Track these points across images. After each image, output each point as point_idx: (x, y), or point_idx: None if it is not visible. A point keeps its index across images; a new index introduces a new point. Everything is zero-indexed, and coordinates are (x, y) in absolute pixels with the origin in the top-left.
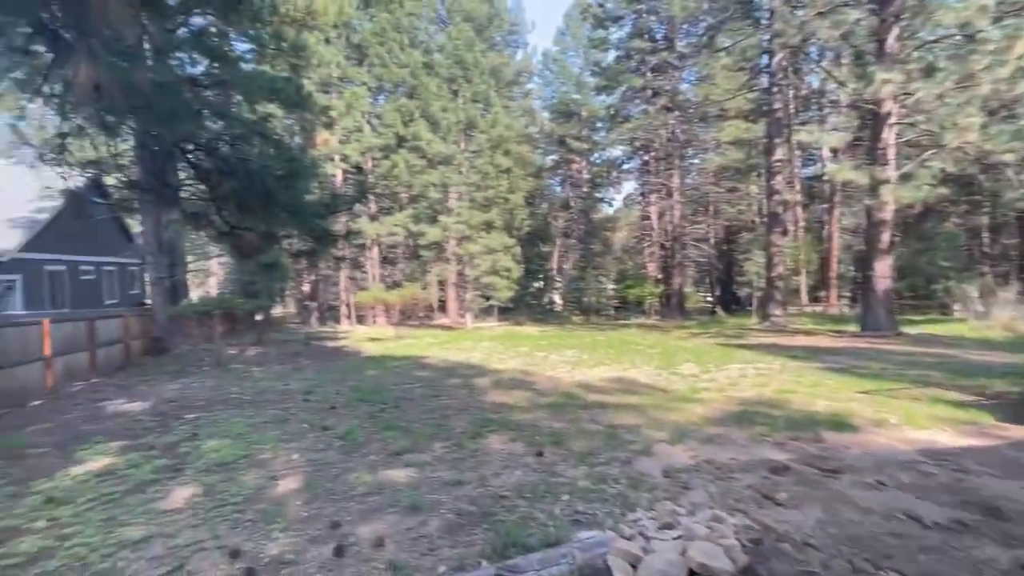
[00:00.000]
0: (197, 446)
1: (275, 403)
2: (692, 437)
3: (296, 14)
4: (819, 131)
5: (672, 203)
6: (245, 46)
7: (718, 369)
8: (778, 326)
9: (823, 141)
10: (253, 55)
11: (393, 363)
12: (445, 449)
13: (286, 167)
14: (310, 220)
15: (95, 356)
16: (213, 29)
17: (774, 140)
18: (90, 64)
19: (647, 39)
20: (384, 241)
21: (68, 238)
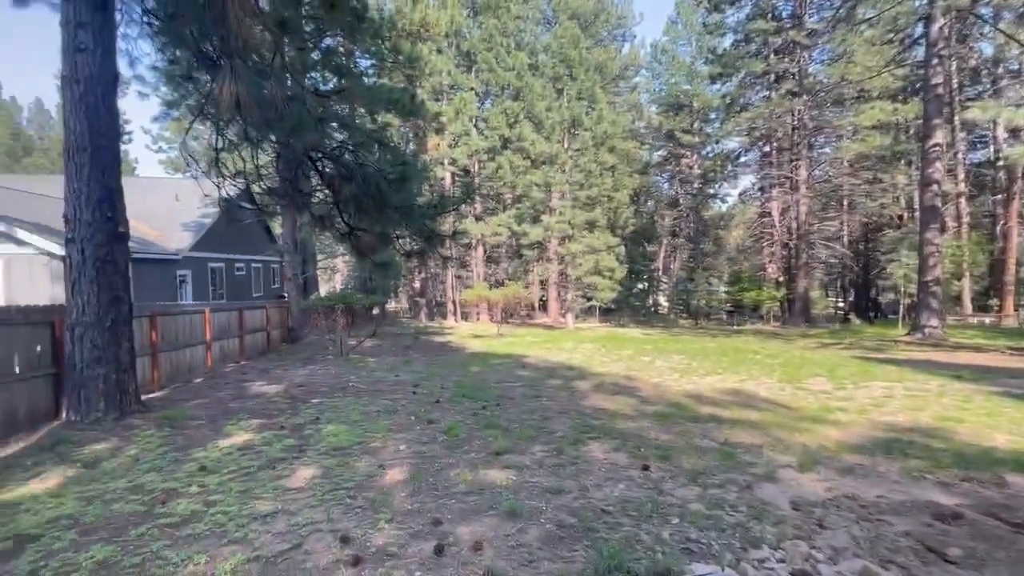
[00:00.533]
0: (319, 429)
1: (387, 393)
2: (826, 464)
3: (412, 28)
4: (997, 105)
5: (798, 197)
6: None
7: (856, 386)
8: (934, 339)
9: (1004, 118)
10: (374, 69)
11: (495, 361)
12: (545, 453)
13: (398, 171)
14: (419, 221)
15: (243, 342)
16: (340, 49)
17: (932, 121)
18: (231, 81)
19: (770, 19)
20: (488, 241)
21: (225, 239)
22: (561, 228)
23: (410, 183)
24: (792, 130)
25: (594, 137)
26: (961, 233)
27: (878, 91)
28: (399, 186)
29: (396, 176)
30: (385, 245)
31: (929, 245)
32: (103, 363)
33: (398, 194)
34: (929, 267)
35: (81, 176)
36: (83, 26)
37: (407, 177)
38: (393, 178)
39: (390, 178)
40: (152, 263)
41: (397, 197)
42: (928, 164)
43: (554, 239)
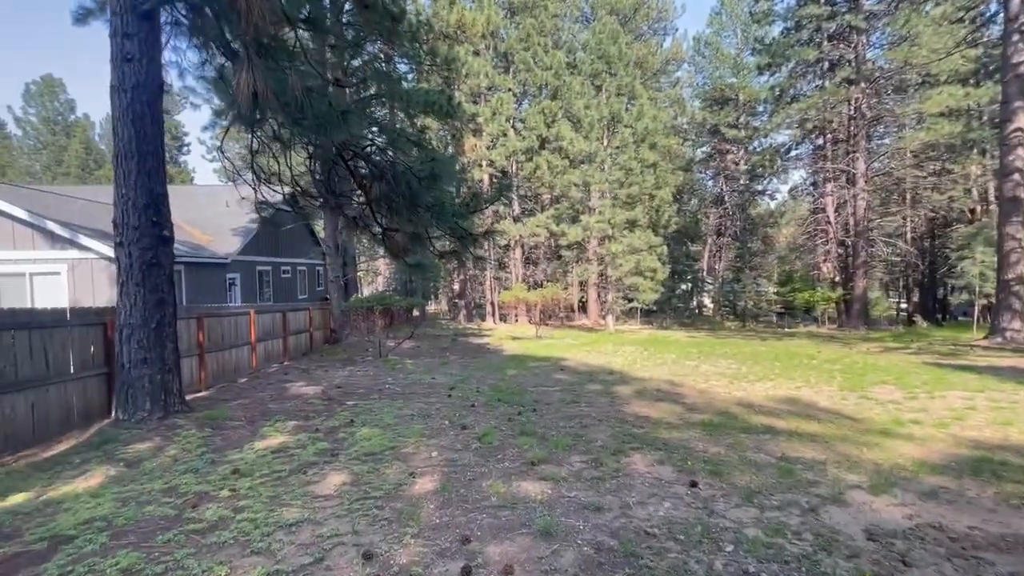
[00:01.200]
0: (352, 433)
1: (422, 396)
2: (904, 487)
3: (448, 30)
4: None
5: (855, 192)
6: (405, 67)
7: (930, 396)
8: (1016, 343)
9: None
10: (413, 75)
11: (533, 363)
12: (583, 464)
13: (428, 168)
14: (451, 220)
15: (287, 343)
16: (381, 55)
17: (1013, 104)
18: (248, 71)
19: (823, 3)
20: (526, 242)
21: (272, 243)
22: (601, 228)
23: (441, 181)
24: (848, 120)
25: (634, 134)
26: None
27: (946, 75)
28: (430, 184)
29: (426, 174)
30: (418, 245)
31: (1010, 240)
32: (149, 363)
33: (429, 192)
34: (1010, 264)
35: (128, 182)
36: (129, 36)
37: (437, 175)
38: (423, 176)
39: (420, 176)
40: (203, 267)
41: (428, 195)
42: (1009, 151)
43: (593, 239)
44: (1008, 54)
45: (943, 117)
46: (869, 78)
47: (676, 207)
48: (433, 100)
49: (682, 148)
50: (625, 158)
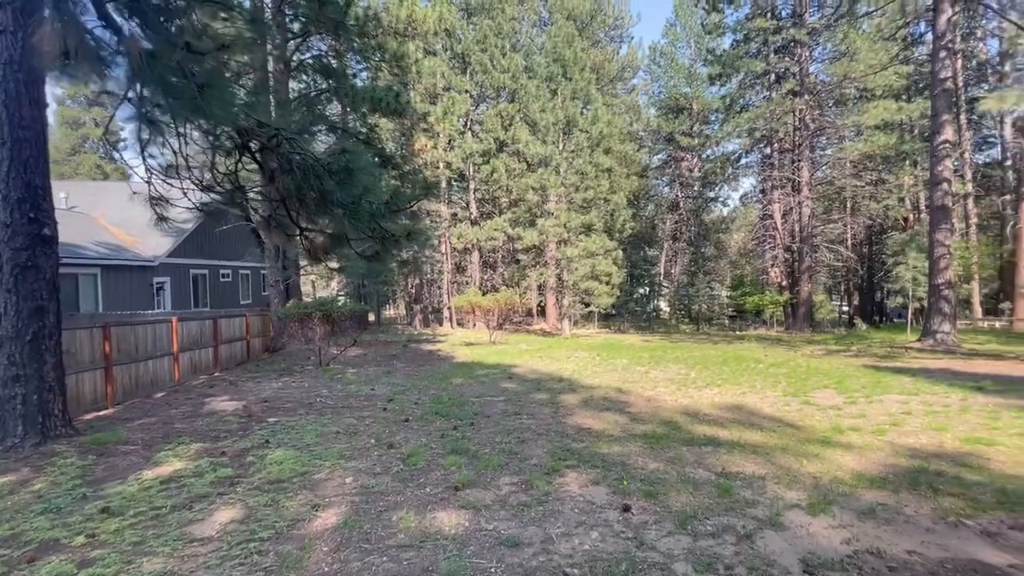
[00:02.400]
0: (264, 456)
1: (355, 410)
2: (843, 504)
3: (399, 26)
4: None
5: (800, 199)
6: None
7: (868, 400)
8: (946, 345)
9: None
10: (368, 73)
11: (481, 371)
12: (512, 487)
13: (340, 161)
14: (368, 220)
15: (218, 352)
16: (332, 52)
17: (941, 117)
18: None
19: (770, 18)
20: (484, 246)
21: (210, 245)
22: (556, 232)
23: (356, 176)
24: (794, 131)
25: (589, 138)
26: (969, 235)
27: (881, 90)
28: (343, 179)
29: (338, 168)
30: (340, 247)
31: (939, 246)
32: (22, 381)
33: (343, 189)
34: (940, 269)
35: None
36: (1, 6)
37: (351, 169)
38: (335, 170)
39: (331, 170)
40: (124, 270)
41: (342, 192)
42: (937, 162)
43: (551, 243)
44: (936, 70)
45: (879, 130)
46: (812, 91)
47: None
48: (380, 97)
49: (638, 154)
50: (580, 162)
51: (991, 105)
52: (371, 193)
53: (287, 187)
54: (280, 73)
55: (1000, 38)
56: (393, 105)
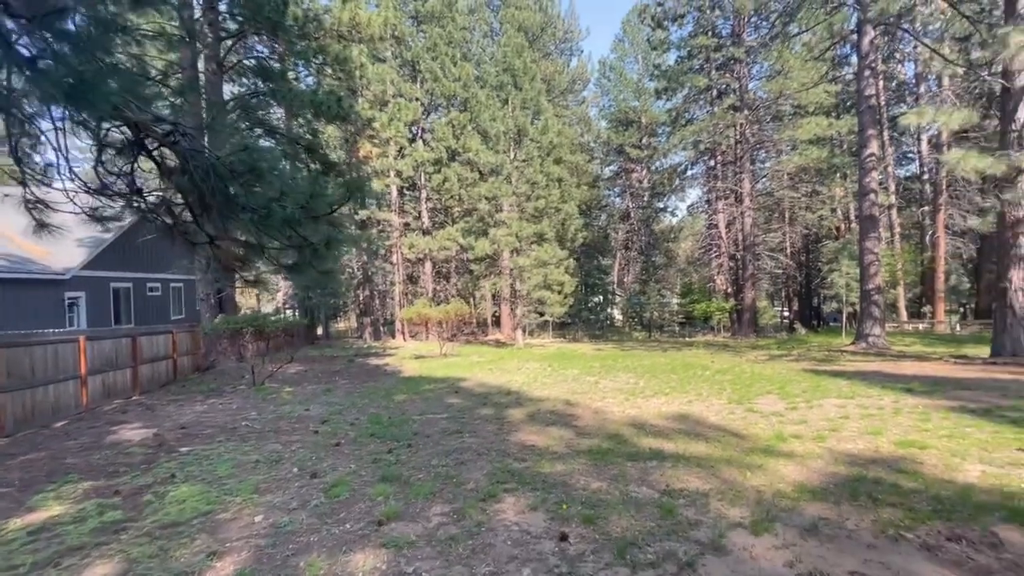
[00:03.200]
0: (165, 494)
1: (283, 434)
2: (786, 520)
3: (341, 28)
4: (933, 111)
5: (742, 210)
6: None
7: (809, 405)
8: (877, 347)
9: (939, 122)
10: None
11: (428, 386)
12: (442, 518)
13: (244, 161)
14: (281, 227)
15: (138, 373)
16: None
17: (867, 132)
18: None
19: (711, 36)
20: (437, 256)
21: (134, 256)
22: (508, 241)
23: (266, 178)
24: (735, 144)
25: (540, 148)
26: (894, 243)
27: (813, 107)
28: (249, 181)
29: (244, 168)
30: (255, 257)
31: (869, 254)
32: None
33: (251, 192)
34: (870, 275)
35: None
36: None
37: (259, 170)
38: (239, 170)
39: (234, 170)
40: (29, 284)
41: (250, 196)
42: (865, 174)
43: (506, 252)
44: (861, 88)
45: (812, 144)
46: (751, 106)
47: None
48: (321, 101)
49: (589, 165)
50: (531, 171)
51: (911, 120)
52: (287, 197)
53: (186, 189)
54: (213, 74)
55: (915, 61)
56: (335, 110)
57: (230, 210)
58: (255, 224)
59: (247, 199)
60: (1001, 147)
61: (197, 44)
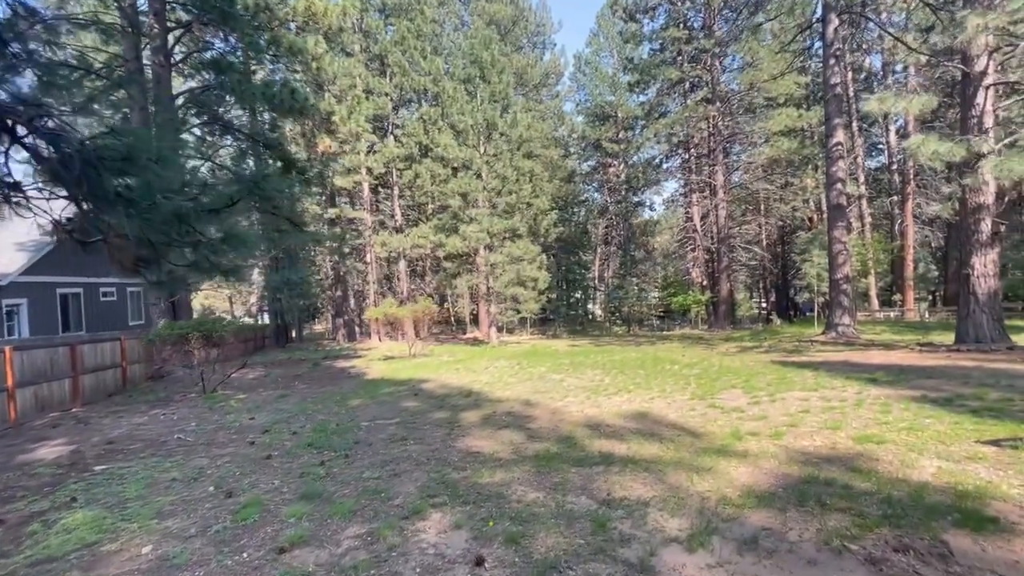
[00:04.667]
0: (55, 522)
1: (217, 446)
2: (726, 533)
3: (296, 18)
4: (894, 97)
5: (717, 202)
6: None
7: (772, 399)
8: (847, 337)
9: (899, 108)
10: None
11: (388, 389)
12: (354, 541)
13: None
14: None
15: (79, 383)
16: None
17: (833, 120)
18: None
19: (682, 28)
20: (410, 254)
21: (84, 260)
22: (479, 238)
23: (147, 167)
24: (708, 136)
25: (509, 142)
26: (864, 233)
27: (784, 98)
28: (124, 169)
29: (119, 154)
30: (153, 255)
31: (837, 243)
32: None
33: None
34: (838, 265)
35: None
36: None
37: (132, 158)
38: (113, 157)
39: (104, 156)
40: None
41: (127, 188)
42: (832, 163)
43: (482, 249)
44: (827, 76)
45: (783, 135)
46: (723, 98)
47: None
48: (273, 93)
49: (565, 160)
50: (501, 166)
51: (873, 107)
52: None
53: (67, 180)
54: (160, 67)
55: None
56: (289, 102)
57: (103, 202)
58: (137, 218)
59: (128, 191)
60: (962, 132)
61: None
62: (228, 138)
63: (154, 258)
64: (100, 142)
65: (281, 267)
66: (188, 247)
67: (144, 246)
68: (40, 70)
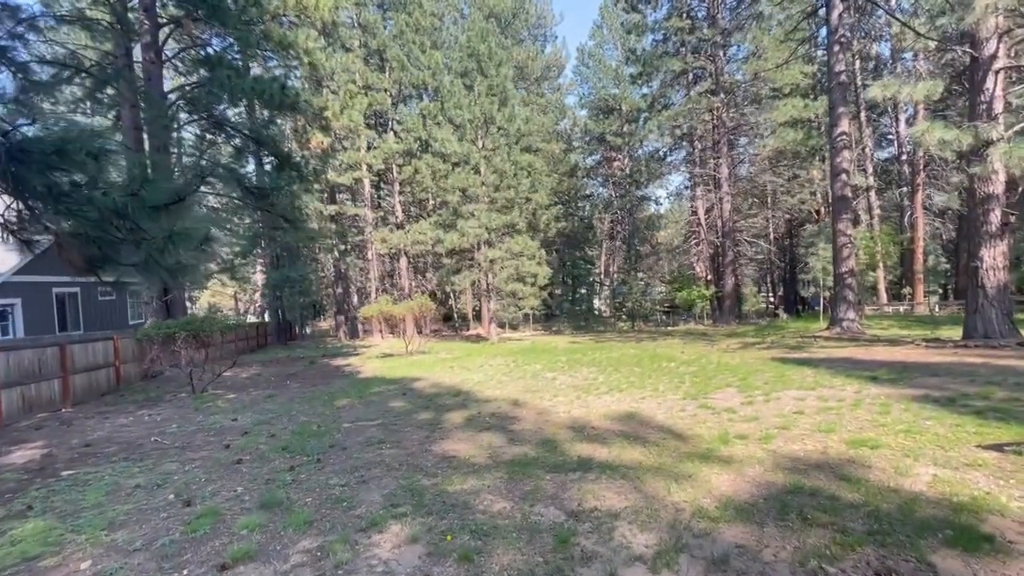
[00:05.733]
0: (4, 532)
1: (192, 450)
2: (695, 550)
3: (287, 12)
4: (898, 83)
5: (721, 195)
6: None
7: (766, 399)
8: (851, 332)
9: (904, 95)
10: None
11: (378, 388)
12: (303, 556)
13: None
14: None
15: (69, 383)
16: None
17: (838, 109)
18: None
19: (685, 18)
20: (411, 250)
21: None
22: (477, 233)
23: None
24: (713, 128)
25: (507, 136)
26: (873, 225)
27: (789, 88)
28: (56, 163)
29: (49, 148)
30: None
31: (842, 236)
32: None
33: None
34: (843, 258)
35: None
36: None
37: (67, 152)
38: (43, 151)
39: (25, 148)
40: None
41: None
42: (836, 153)
43: (483, 244)
44: (831, 64)
45: (789, 126)
46: (727, 89)
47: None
48: (262, 88)
49: (570, 155)
50: (499, 160)
51: (876, 93)
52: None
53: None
54: (151, 63)
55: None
56: (279, 98)
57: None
58: (70, 215)
59: (58, 187)
60: (970, 119)
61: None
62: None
63: (102, 257)
64: (28, 134)
65: (282, 265)
66: (131, 245)
67: (91, 245)
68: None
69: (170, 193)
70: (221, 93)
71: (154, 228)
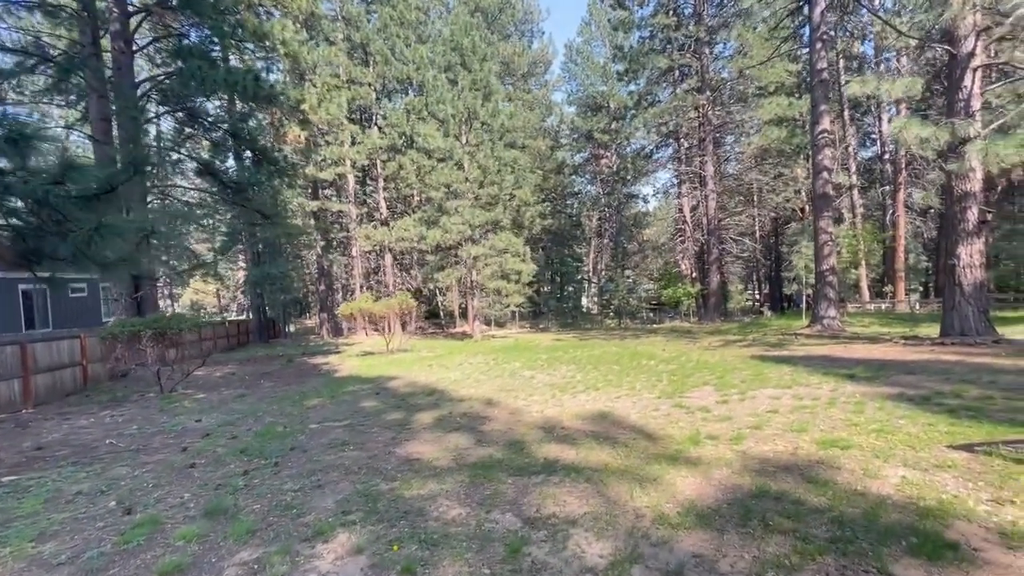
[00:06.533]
0: None
1: (147, 453)
2: (651, 560)
3: (266, 3)
4: (876, 80)
5: (706, 193)
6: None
7: (742, 398)
8: (832, 330)
9: (883, 91)
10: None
11: (351, 388)
12: (239, 570)
13: None
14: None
15: (29, 383)
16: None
17: (819, 107)
18: None
19: (672, 15)
20: (395, 247)
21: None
22: (460, 230)
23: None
24: (698, 126)
25: (490, 132)
26: (856, 223)
27: (774, 86)
28: None
29: None
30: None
31: (823, 234)
32: None
33: None
34: (824, 256)
35: None
36: None
37: None
38: None
39: None
40: None
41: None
42: (818, 151)
43: (467, 241)
44: (814, 61)
45: (773, 125)
46: (713, 87)
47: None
48: (235, 80)
49: (555, 151)
50: (482, 156)
51: (855, 90)
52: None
53: None
54: (120, 53)
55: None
56: (253, 89)
57: None
58: None
59: None
60: (948, 116)
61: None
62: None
63: (33, 251)
64: None
65: (263, 261)
66: (56, 237)
67: (17, 237)
68: None
69: (99, 182)
70: (193, 84)
71: (84, 220)
